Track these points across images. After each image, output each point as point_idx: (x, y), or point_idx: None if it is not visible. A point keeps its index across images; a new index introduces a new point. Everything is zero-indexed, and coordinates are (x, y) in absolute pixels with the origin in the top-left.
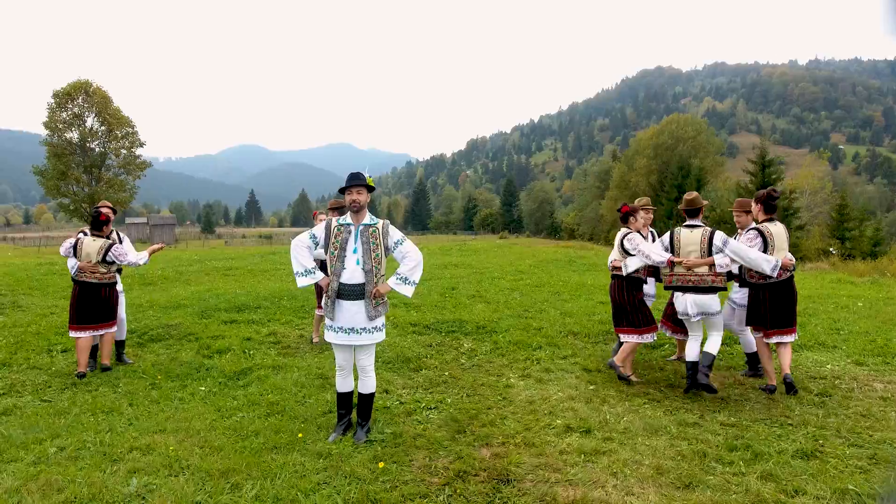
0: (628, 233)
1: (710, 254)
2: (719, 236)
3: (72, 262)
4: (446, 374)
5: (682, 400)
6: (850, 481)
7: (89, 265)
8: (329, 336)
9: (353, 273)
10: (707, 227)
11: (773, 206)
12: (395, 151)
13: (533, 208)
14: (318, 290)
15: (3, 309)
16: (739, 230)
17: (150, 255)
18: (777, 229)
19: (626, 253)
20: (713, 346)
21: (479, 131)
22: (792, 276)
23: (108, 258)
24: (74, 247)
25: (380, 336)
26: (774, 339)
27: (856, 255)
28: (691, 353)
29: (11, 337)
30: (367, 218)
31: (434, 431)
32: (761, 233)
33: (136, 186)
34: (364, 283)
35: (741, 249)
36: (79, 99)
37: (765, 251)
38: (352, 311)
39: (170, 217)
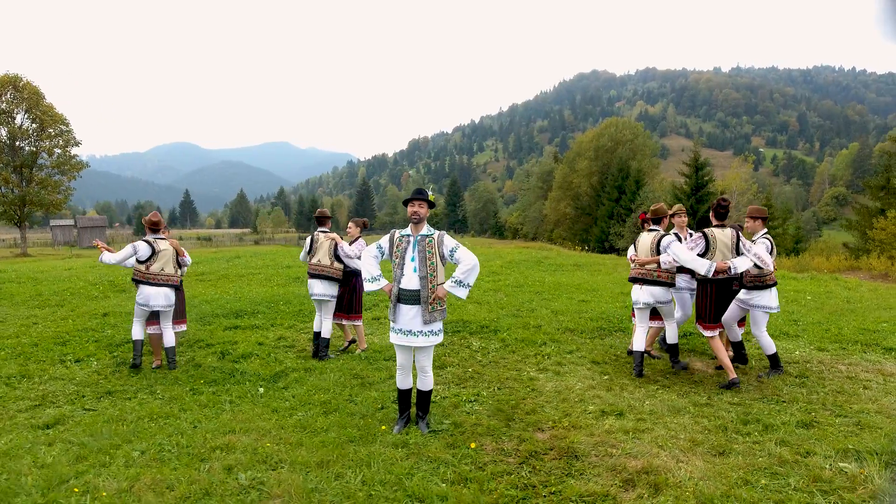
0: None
1: (657, 254)
2: (665, 240)
3: None
4: (470, 370)
5: (689, 385)
6: (848, 443)
7: None
8: (391, 337)
9: (410, 279)
10: (660, 232)
11: (722, 214)
12: (335, 151)
13: (477, 208)
14: (339, 299)
15: None
16: (751, 234)
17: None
18: (722, 234)
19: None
20: (671, 335)
21: (421, 131)
22: (730, 280)
23: None
24: None
25: (436, 339)
26: (710, 333)
27: (780, 252)
28: (637, 342)
29: (9, 349)
30: (425, 229)
31: (487, 420)
32: (706, 236)
33: (71, 188)
34: (419, 289)
35: (678, 251)
36: (7, 94)
37: (705, 253)
38: (409, 315)
39: (99, 218)
